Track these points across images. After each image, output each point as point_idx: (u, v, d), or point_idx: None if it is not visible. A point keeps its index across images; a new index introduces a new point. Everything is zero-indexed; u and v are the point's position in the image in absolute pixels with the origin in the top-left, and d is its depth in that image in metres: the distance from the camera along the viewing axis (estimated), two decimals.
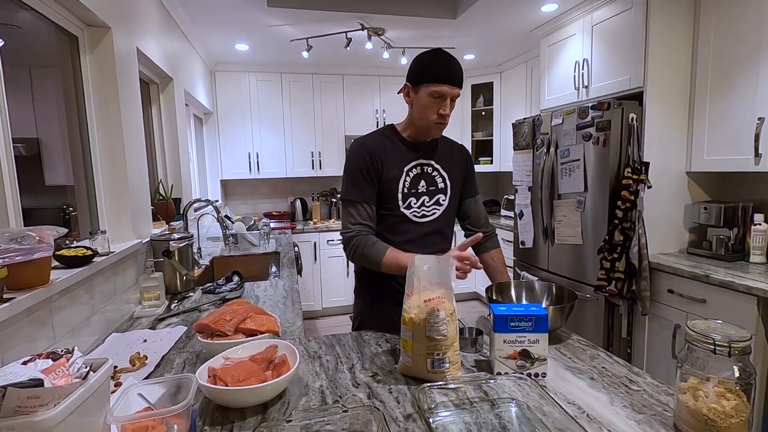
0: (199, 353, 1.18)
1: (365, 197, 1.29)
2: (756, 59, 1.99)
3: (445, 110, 1.23)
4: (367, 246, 1.25)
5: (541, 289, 1.32)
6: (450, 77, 1.21)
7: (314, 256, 3.99)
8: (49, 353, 0.68)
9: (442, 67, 1.21)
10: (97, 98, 1.66)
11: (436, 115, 1.24)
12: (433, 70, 1.21)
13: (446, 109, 1.23)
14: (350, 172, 1.31)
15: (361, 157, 1.29)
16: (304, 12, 2.78)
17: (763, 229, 2.09)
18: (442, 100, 1.22)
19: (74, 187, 1.68)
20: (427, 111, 1.24)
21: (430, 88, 1.21)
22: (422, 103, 1.24)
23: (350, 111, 4.32)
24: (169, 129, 2.65)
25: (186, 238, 1.90)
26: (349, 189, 1.30)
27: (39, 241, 0.99)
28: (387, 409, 0.84)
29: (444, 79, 1.20)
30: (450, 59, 1.23)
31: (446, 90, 1.21)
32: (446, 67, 1.21)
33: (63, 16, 1.48)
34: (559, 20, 2.92)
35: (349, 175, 1.31)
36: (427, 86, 1.22)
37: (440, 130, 1.30)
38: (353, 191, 1.30)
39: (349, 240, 1.28)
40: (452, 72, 1.21)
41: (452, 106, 1.25)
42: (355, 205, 1.29)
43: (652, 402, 0.85)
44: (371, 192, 1.30)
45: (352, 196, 1.30)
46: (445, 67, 1.21)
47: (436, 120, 1.25)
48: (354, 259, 1.30)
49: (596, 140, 2.33)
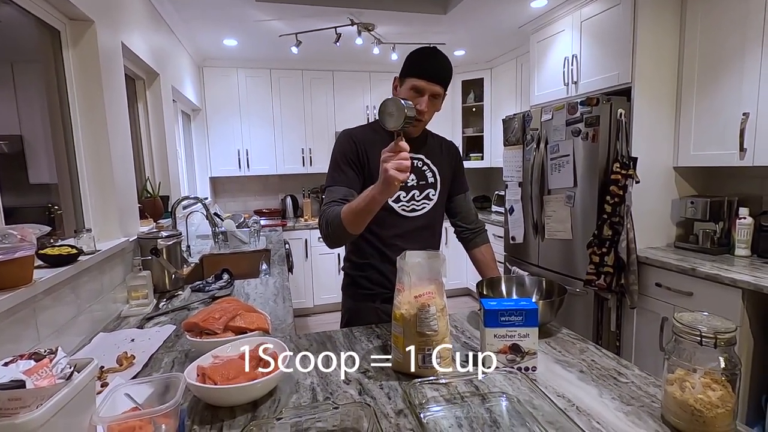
0: (188, 352, 1.17)
1: (346, 181, 1.26)
2: (741, 55, 2.02)
3: (422, 105, 1.20)
4: (332, 213, 1.15)
5: (531, 284, 1.33)
6: (429, 73, 1.19)
7: (305, 254, 3.97)
8: (31, 354, 0.67)
9: (424, 63, 1.20)
10: (81, 94, 1.63)
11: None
12: (415, 64, 1.21)
13: (422, 104, 1.20)
14: (334, 159, 1.29)
15: (346, 143, 1.29)
16: (292, 7, 2.76)
17: (748, 222, 2.13)
18: (420, 95, 1.21)
19: (59, 186, 1.64)
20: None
21: (411, 82, 1.21)
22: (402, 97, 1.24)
23: (341, 107, 4.30)
24: (156, 125, 2.61)
25: (174, 236, 1.87)
26: (332, 174, 1.28)
27: (21, 239, 0.97)
28: (378, 405, 0.84)
29: (422, 75, 1.20)
30: (435, 56, 1.22)
31: (423, 85, 1.20)
32: (428, 63, 1.20)
33: (44, 10, 1.45)
34: (548, 16, 2.93)
35: (333, 162, 1.29)
36: (410, 80, 1.22)
37: (415, 126, 1.26)
38: (335, 176, 1.27)
39: (320, 218, 1.21)
40: (433, 68, 1.20)
41: (434, 104, 1.23)
42: (334, 188, 1.25)
43: (641, 394, 0.86)
44: (354, 177, 1.27)
45: (333, 181, 1.27)
46: (426, 63, 1.20)
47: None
48: (327, 235, 1.18)
49: (585, 136, 2.35)
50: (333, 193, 1.24)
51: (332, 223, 1.14)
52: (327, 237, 1.19)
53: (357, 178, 1.27)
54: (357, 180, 1.27)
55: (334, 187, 1.26)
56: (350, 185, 1.25)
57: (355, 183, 1.26)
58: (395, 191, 1.00)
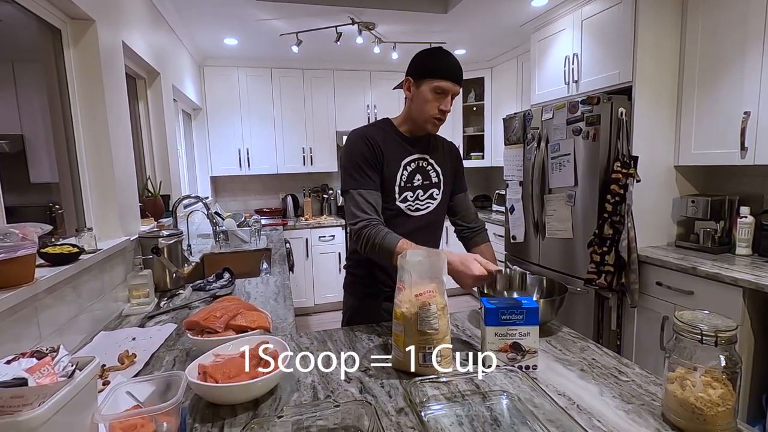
0: (189, 351, 1.17)
1: (371, 184, 1.25)
2: (742, 54, 2.02)
3: (446, 106, 1.24)
4: (379, 236, 1.17)
5: (531, 283, 1.33)
6: (454, 74, 1.23)
7: (306, 253, 3.97)
8: (33, 352, 0.67)
9: (446, 64, 1.23)
10: (82, 93, 1.63)
11: (437, 110, 1.25)
12: (438, 65, 1.23)
13: (447, 105, 1.24)
14: (352, 160, 1.26)
15: (364, 145, 1.27)
16: (293, 6, 2.76)
17: (749, 221, 2.13)
18: (443, 96, 1.23)
19: (60, 185, 1.65)
20: (428, 106, 1.25)
21: (432, 84, 1.22)
22: (423, 98, 1.24)
23: (341, 106, 4.30)
24: (157, 125, 2.62)
25: (175, 235, 1.87)
26: (354, 176, 1.25)
27: (22, 238, 0.97)
28: (379, 404, 0.84)
29: (448, 76, 1.22)
30: (453, 58, 1.25)
31: (449, 86, 1.22)
32: (450, 64, 1.23)
33: (45, 9, 1.45)
34: (549, 15, 2.92)
35: (352, 163, 1.26)
36: (430, 81, 1.22)
37: (437, 126, 1.30)
38: (359, 179, 1.24)
39: (360, 231, 1.21)
40: (456, 69, 1.24)
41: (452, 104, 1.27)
42: (361, 192, 1.24)
43: (641, 392, 0.86)
44: (376, 179, 1.27)
45: (357, 185, 1.24)
46: (449, 64, 1.23)
47: (435, 115, 1.26)
48: (366, 250, 1.20)
49: (586, 135, 2.35)
50: (364, 200, 1.23)
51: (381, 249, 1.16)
52: (365, 252, 1.21)
53: (378, 179, 1.27)
54: (378, 180, 1.27)
55: (363, 192, 1.24)
56: (375, 188, 1.26)
57: (377, 184, 1.27)
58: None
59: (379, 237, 1.17)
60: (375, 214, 1.23)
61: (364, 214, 1.21)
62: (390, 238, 1.16)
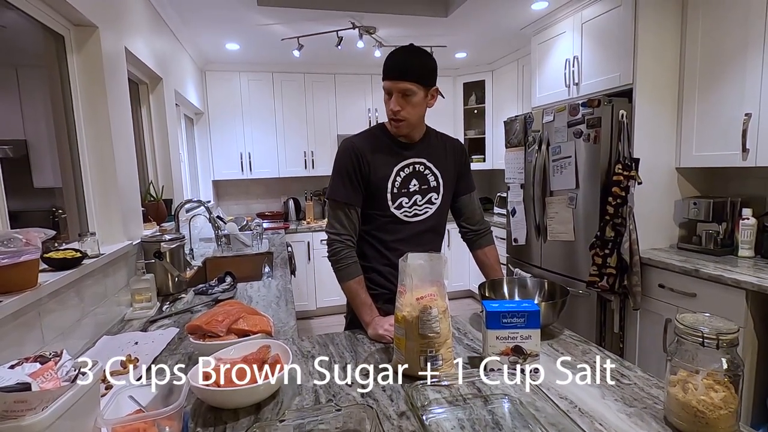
0: (192, 355, 1.17)
1: (352, 199, 1.30)
2: (743, 55, 2.02)
3: (393, 105, 1.23)
4: (343, 263, 1.28)
5: (533, 286, 1.33)
6: (392, 71, 1.21)
7: (308, 256, 3.98)
8: (36, 356, 0.67)
9: (388, 62, 1.23)
10: (85, 99, 1.64)
11: (390, 111, 1.25)
12: (384, 66, 1.24)
13: (394, 105, 1.23)
14: (338, 171, 1.31)
15: (349, 157, 1.29)
16: (294, 11, 2.77)
17: (751, 223, 2.12)
18: (389, 95, 1.24)
19: (63, 189, 1.66)
20: (386, 108, 1.27)
21: (382, 85, 1.25)
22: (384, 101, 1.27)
23: (342, 110, 4.31)
24: (159, 129, 2.63)
25: (177, 239, 1.88)
26: (338, 188, 1.30)
27: (26, 243, 0.98)
28: (380, 407, 0.84)
29: (387, 75, 1.23)
30: (400, 53, 1.22)
31: (388, 85, 1.23)
32: (392, 62, 1.22)
33: (49, 16, 1.46)
34: (549, 18, 2.93)
35: (338, 173, 1.31)
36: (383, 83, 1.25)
37: (398, 127, 1.27)
38: (341, 191, 1.30)
39: (331, 244, 1.30)
40: (395, 66, 1.21)
41: (409, 102, 1.22)
42: (342, 207, 1.30)
43: (643, 395, 0.86)
44: (358, 195, 1.30)
45: (339, 197, 1.30)
46: (390, 62, 1.22)
47: (390, 116, 1.27)
48: (330, 262, 1.32)
49: (587, 137, 2.35)
50: (344, 217, 1.30)
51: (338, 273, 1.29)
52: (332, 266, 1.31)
53: (360, 194, 1.31)
54: (358, 194, 1.30)
55: (343, 207, 1.30)
56: (355, 204, 1.31)
57: (358, 200, 1.31)
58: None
59: (342, 264, 1.28)
60: (349, 230, 1.30)
61: (340, 228, 1.30)
62: (350, 271, 1.27)
